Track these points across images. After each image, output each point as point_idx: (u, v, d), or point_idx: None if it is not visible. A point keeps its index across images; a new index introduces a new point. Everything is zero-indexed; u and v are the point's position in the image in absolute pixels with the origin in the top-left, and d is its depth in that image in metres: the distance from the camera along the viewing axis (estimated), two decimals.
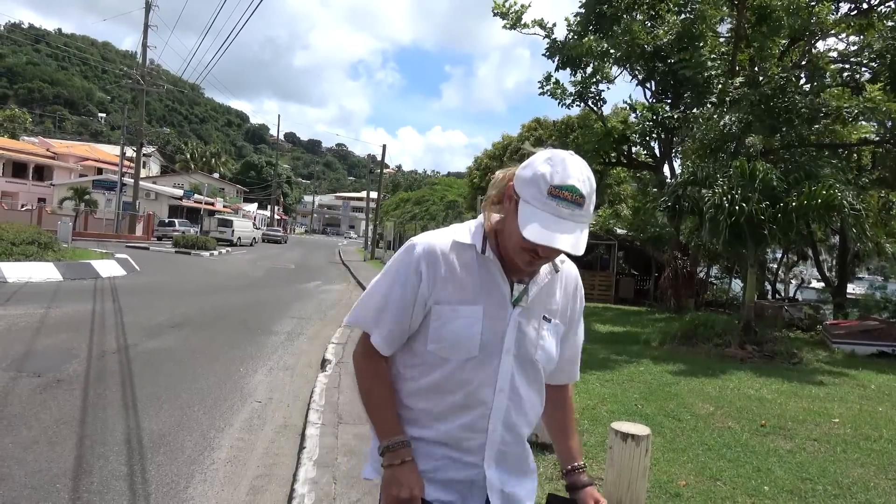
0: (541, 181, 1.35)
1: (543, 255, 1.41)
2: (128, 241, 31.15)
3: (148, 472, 4.12)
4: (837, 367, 9.76)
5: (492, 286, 1.48)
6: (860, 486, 4.58)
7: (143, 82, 35.92)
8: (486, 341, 1.46)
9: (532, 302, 1.51)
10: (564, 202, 1.33)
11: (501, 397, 1.48)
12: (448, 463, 1.49)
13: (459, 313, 1.45)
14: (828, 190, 9.60)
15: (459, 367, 1.46)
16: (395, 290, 1.49)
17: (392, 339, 1.51)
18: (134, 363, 6.96)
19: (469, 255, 1.49)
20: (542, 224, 1.32)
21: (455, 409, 1.47)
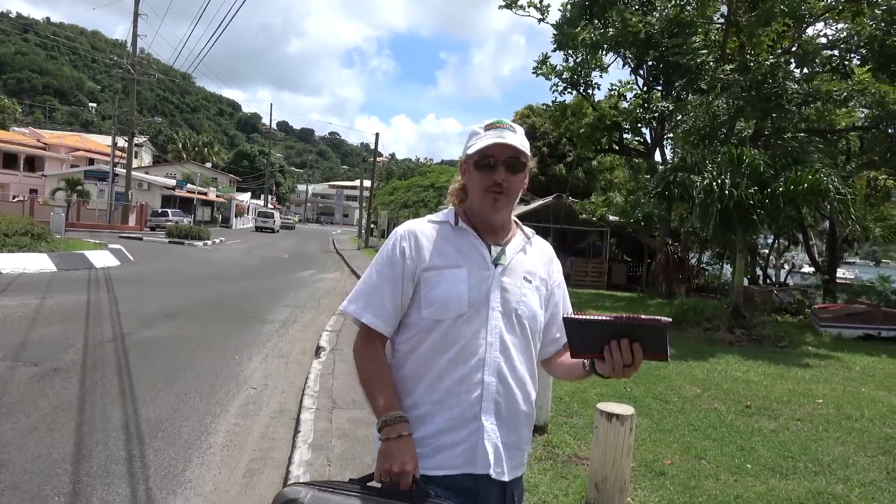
0: (475, 130, 1.68)
1: (501, 178, 1.61)
2: (121, 232, 31.09)
3: (147, 457, 4.22)
4: (824, 350, 9.93)
5: (471, 250, 1.66)
6: (840, 463, 4.73)
7: (134, 71, 35.67)
8: (474, 298, 1.60)
9: (512, 263, 1.67)
10: (499, 129, 1.64)
11: (492, 350, 1.60)
12: (449, 424, 1.57)
13: (445, 276, 1.61)
14: (814, 175, 9.72)
15: (452, 326, 1.59)
16: (385, 271, 1.65)
17: (387, 316, 1.64)
18: (130, 352, 7.03)
19: (445, 229, 1.70)
20: (486, 139, 1.62)
21: (451, 365, 1.59)
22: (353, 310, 1.66)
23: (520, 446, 1.68)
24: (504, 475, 1.61)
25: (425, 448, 1.56)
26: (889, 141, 12.87)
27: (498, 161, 1.61)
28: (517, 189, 1.67)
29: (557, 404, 5.79)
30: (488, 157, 1.62)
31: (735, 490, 4.09)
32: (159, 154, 65.96)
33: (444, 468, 1.56)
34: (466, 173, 1.70)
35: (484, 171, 1.62)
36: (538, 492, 3.88)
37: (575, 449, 4.70)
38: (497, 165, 1.61)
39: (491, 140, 1.61)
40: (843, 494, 4.12)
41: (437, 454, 1.57)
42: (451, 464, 1.56)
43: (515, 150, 1.63)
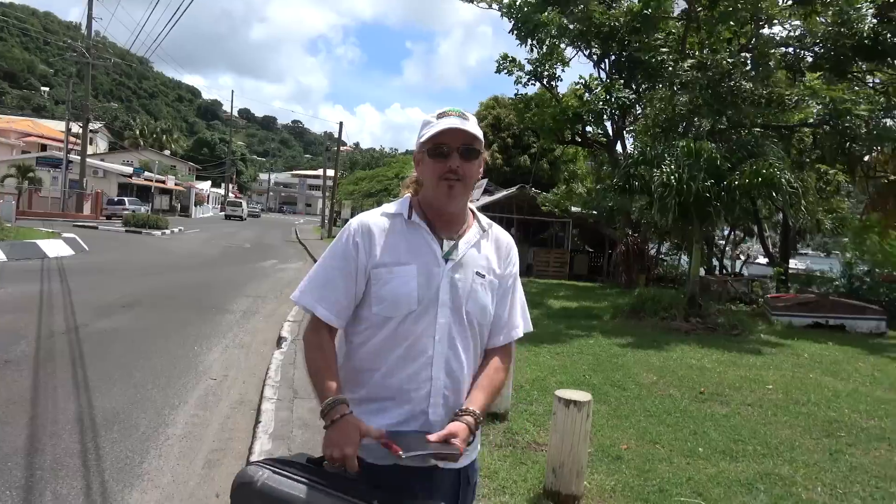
0: (427, 119, 1.67)
1: (455, 165, 1.61)
2: (75, 221, 30.20)
3: (102, 449, 4.15)
4: (775, 338, 10.27)
5: (422, 246, 1.65)
6: (787, 446, 4.92)
7: (89, 55, 34.58)
8: (423, 296, 1.60)
9: (464, 258, 1.66)
10: (451, 117, 1.64)
11: (441, 347, 1.61)
12: (401, 418, 1.59)
13: (395, 273, 1.61)
14: (768, 168, 10.01)
15: (402, 323, 1.60)
16: (338, 263, 1.66)
17: (340, 310, 1.65)
18: (85, 343, 6.88)
19: (398, 222, 1.68)
20: (438, 127, 1.61)
21: (400, 362, 1.60)
22: (307, 301, 1.66)
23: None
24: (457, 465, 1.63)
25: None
26: (839, 137, 13.30)
27: (452, 148, 1.61)
28: (472, 176, 1.66)
29: (518, 392, 5.88)
30: (442, 144, 1.61)
31: (687, 472, 4.22)
32: (115, 141, 64.10)
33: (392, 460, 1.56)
34: (420, 163, 1.69)
35: (438, 158, 1.62)
36: (497, 478, 3.95)
37: (534, 436, 4.79)
38: (451, 152, 1.61)
39: (443, 127, 1.60)
40: (788, 475, 4.28)
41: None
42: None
43: (469, 137, 1.62)
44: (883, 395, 6.78)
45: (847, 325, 11.61)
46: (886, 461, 4.70)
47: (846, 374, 7.80)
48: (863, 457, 4.77)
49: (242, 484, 1.40)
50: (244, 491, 1.39)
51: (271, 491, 1.37)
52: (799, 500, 3.89)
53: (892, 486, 4.20)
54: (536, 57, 17.02)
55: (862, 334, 11.28)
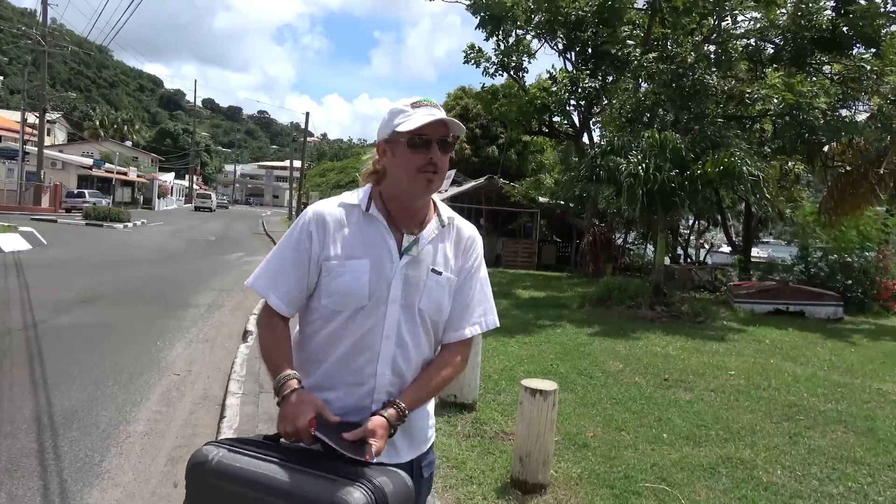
0: (400, 107, 1.59)
1: (437, 157, 1.56)
2: (33, 214, 29.34)
3: (60, 448, 4.05)
4: (738, 325, 10.49)
5: (377, 241, 1.60)
6: (748, 430, 5.03)
7: (45, 43, 33.51)
8: (374, 291, 1.57)
9: (421, 254, 1.62)
10: (429, 107, 1.57)
11: (388, 343, 1.58)
12: (344, 412, 1.55)
13: (347, 267, 1.57)
14: (730, 159, 10.18)
15: (351, 317, 1.58)
16: (290, 253, 1.63)
17: (291, 299, 1.63)
18: (42, 340, 6.70)
19: (355, 214, 1.63)
20: (420, 117, 1.54)
21: (346, 356, 1.58)
22: (260, 287, 1.65)
23: (417, 428, 1.67)
24: (402, 458, 1.63)
25: None
26: (798, 128, 13.59)
27: (433, 139, 1.56)
28: (446, 169, 1.63)
29: (486, 382, 5.90)
30: (423, 135, 1.55)
31: (652, 458, 4.29)
32: (75, 132, 62.39)
33: None
34: (388, 154, 1.61)
35: (418, 149, 1.55)
36: (465, 468, 3.96)
37: (502, 425, 4.81)
38: (431, 144, 1.56)
39: (427, 118, 1.53)
40: (750, 459, 4.38)
41: None
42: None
43: (448, 129, 1.58)
44: (839, 379, 6.98)
45: (806, 312, 11.92)
46: (842, 443, 4.84)
47: (805, 359, 8.00)
48: (820, 439, 4.90)
49: (197, 464, 1.37)
50: (199, 470, 1.36)
51: (226, 468, 1.33)
52: (759, 482, 3.98)
53: (848, 467, 4.33)
54: (503, 48, 17.01)
55: (820, 320, 11.59)
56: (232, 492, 1.31)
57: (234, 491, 1.31)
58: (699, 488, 3.85)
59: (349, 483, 1.27)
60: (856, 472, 4.24)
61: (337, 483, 1.27)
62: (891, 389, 6.62)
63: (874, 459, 4.50)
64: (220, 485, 1.33)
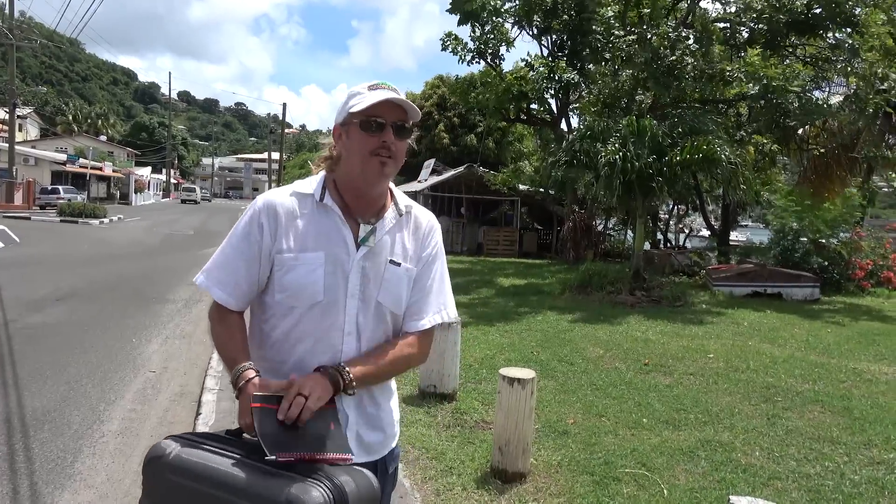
0: (357, 89, 1.53)
1: (390, 140, 1.49)
2: (5, 211, 28.75)
3: (31, 450, 3.96)
4: (717, 308, 10.57)
5: (332, 232, 1.53)
6: (727, 413, 5.06)
7: (13, 36, 32.75)
8: (329, 286, 1.50)
9: (378, 245, 1.55)
10: (382, 90, 1.50)
11: (350, 340, 1.52)
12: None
13: (300, 261, 1.50)
14: (707, 145, 10.22)
15: (306, 314, 1.50)
16: (241, 246, 1.54)
17: (240, 294, 1.55)
18: (14, 339, 6.55)
19: (308, 204, 1.54)
20: (374, 97, 1.48)
21: (308, 355, 1.51)
22: (202, 281, 1.57)
23: (382, 427, 1.62)
24: (376, 455, 1.59)
25: None
26: (773, 112, 13.69)
27: (386, 122, 1.49)
28: (402, 156, 1.54)
29: (466, 371, 5.88)
30: (376, 116, 1.48)
31: (632, 444, 4.30)
32: (47, 127, 61.12)
33: None
34: (343, 137, 1.54)
35: (371, 131, 1.48)
36: (445, 458, 3.94)
37: (483, 414, 4.79)
38: (385, 126, 1.48)
39: (380, 97, 1.47)
40: (728, 441, 4.41)
41: None
42: None
43: (405, 113, 1.51)
44: (817, 360, 7.06)
45: (784, 293, 12.05)
46: (819, 423, 4.89)
47: (783, 341, 8.09)
48: (798, 420, 4.94)
49: (154, 458, 1.32)
50: (155, 464, 1.31)
51: (182, 463, 1.29)
52: (738, 465, 4.01)
53: (825, 447, 4.37)
54: (478, 36, 16.90)
55: (797, 301, 11.73)
56: (187, 487, 1.27)
57: (188, 486, 1.26)
58: (678, 472, 3.86)
59: (306, 481, 1.22)
60: (832, 452, 4.28)
61: (294, 481, 1.21)
62: (866, 368, 6.72)
63: (850, 438, 4.55)
64: (176, 480, 1.28)
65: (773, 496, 3.56)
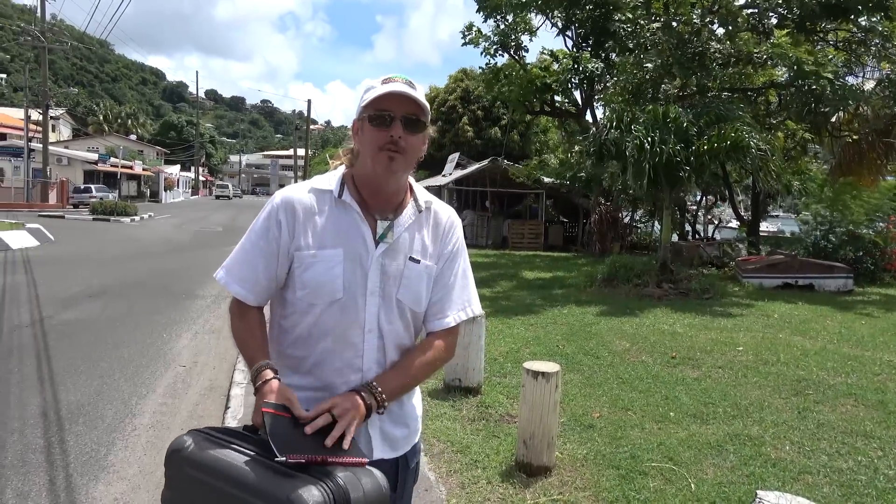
0: (370, 84, 1.51)
1: (398, 134, 1.46)
2: (41, 211, 29.49)
3: (66, 443, 4.06)
4: (746, 300, 10.39)
5: (351, 229, 1.52)
6: (756, 406, 4.98)
7: (45, 39, 33.47)
8: (349, 283, 1.49)
9: (398, 242, 1.54)
10: (397, 83, 1.48)
11: (371, 338, 1.52)
12: None
13: (319, 258, 1.49)
14: (735, 132, 10.03)
15: (326, 311, 1.50)
16: (259, 243, 1.54)
17: (259, 290, 1.55)
18: (49, 335, 6.73)
19: (327, 200, 1.54)
20: (382, 90, 1.47)
21: (328, 353, 1.51)
22: (221, 277, 1.58)
23: (405, 423, 1.63)
24: (394, 452, 1.59)
25: None
26: (805, 98, 13.39)
27: (395, 116, 1.46)
28: (415, 151, 1.51)
29: (491, 365, 5.88)
30: (385, 110, 1.46)
31: (658, 437, 4.26)
32: (79, 127, 62.47)
33: None
34: (359, 132, 1.53)
35: (379, 125, 1.46)
36: (470, 452, 3.95)
37: (507, 408, 4.79)
38: (394, 120, 1.46)
39: (388, 90, 1.45)
40: (758, 435, 4.34)
41: None
42: None
43: (415, 106, 1.48)
44: (850, 352, 6.90)
45: (816, 285, 11.80)
46: (852, 416, 4.79)
47: (814, 333, 7.92)
48: (830, 413, 4.85)
49: (174, 451, 1.37)
50: (175, 458, 1.37)
51: (198, 457, 1.33)
52: (767, 459, 3.95)
53: (858, 441, 4.28)
54: (502, 28, 16.81)
55: (830, 293, 11.48)
56: (201, 481, 1.31)
57: (203, 480, 1.31)
58: (706, 466, 3.82)
59: (310, 480, 1.23)
60: (866, 446, 4.20)
61: (298, 480, 1.23)
62: None
63: (884, 433, 4.45)
64: (192, 473, 1.33)
65: (803, 491, 3.50)
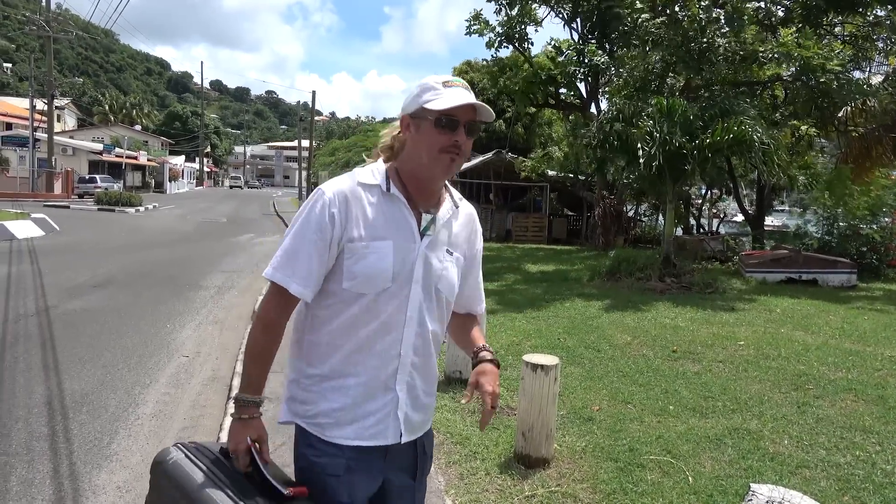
0: (431, 84, 1.58)
1: (462, 140, 1.56)
2: (46, 200, 29.60)
3: (70, 432, 4.11)
4: (749, 295, 10.39)
5: (400, 221, 1.60)
6: (756, 401, 5.00)
7: (50, 28, 33.48)
8: (398, 272, 1.57)
9: (438, 235, 1.65)
10: (460, 89, 1.57)
11: (411, 324, 1.60)
12: (365, 395, 1.57)
13: (371, 249, 1.55)
14: (739, 126, 10.00)
15: (374, 300, 1.56)
16: (312, 236, 1.55)
17: (314, 285, 1.57)
18: (54, 325, 6.78)
19: (375, 194, 1.60)
20: (451, 97, 1.53)
21: (371, 339, 1.57)
22: (280, 278, 1.55)
23: (429, 406, 1.72)
24: (417, 433, 1.68)
25: (339, 418, 1.56)
26: (811, 93, 13.33)
27: (460, 122, 1.56)
28: (469, 152, 1.64)
29: None
30: (453, 116, 1.54)
31: (657, 431, 4.28)
32: (84, 117, 62.56)
33: (357, 439, 1.57)
34: (412, 128, 1.60)
35: (444, 130, 1.55)
36: (469, 444, 3.98)
37: (507, 400, 4.81)
38: (458, 126, 1.56)
39: (459, 101, 1.53)
40: (756, 429, 4.36)
41: (351, 425, 1.57)
42: (363, 434, 1.57)
43: (476, 114, 1.58)
44: (851, 347, 6.91)
45: (819, 280, 11.79)
46: (852, 411, 4.80)
47: (816, 328, 7.93)
48: (829, 408, 4.86)
49: (156, 462, 1.50)
50: (157, 469, 1.50)
51: (173, 473, 1.46)
52: (766, 453, 3.97)
53: (857, 436, 4.30)
54: (507, 18, 16.75)
55: (834, 288, 11.47)
56: (170, 491, 1.45)
57: (171, 495, 1.44)
58: (704, 460, 3.84)
59: None
60: (864, 441, 4.21)
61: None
62: None
63: (883, 428, 4.47)
64: (165, 483, 1.46)
65: (800, 485, 3.52)
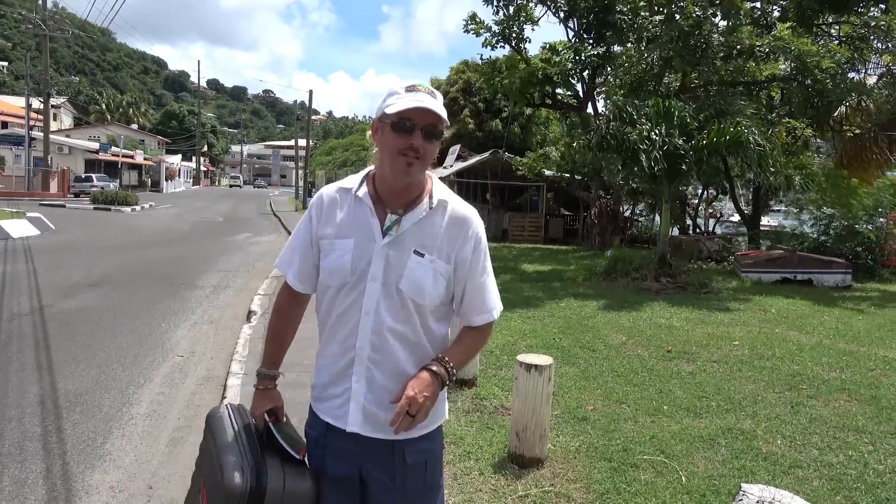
0: (394, 90, 1.64)
1: (418, 143, 1.59)
2: (42, 199, 29.50)
3: (63, 431, 4.10)
4: (744, 295, 10.40)
5: (362, 221, 1.69)
6: (749, 401, 5.01)
7: (46, 27, 33.37)
8: (355, 269, 1.67)
9: (405, 234, 1.66)
10: (421, 93, 1.61)
11: (367, 319, 1.66)
12: (330, 379, 1.73)
13: (335, 246, 1.70)
14: (735, 127, 10.02)
15: (337, 293, 1.71)
16: (302, 234, 1.80)
17: (302, 276, 1.80)
18: (49, 324, 6.77)
19: (348, 196, 1.74)
20: (408, 101, 1.58)
21: (334, 329, 1.73)
22: (281, 266, 1.83)
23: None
24: (372, 433, 1.67)
25: (318, 395, 1.77)
26: (807, 92, 13.36)
27: (416, 125, 1.59)
28: (431, 156, 1.65)
29: (487, 357, 5.90)
30: (407, 119, 1.59)
31: (651, 431, 4.29)
32: (80, 116, 62.37)
33: (327, 416, 1.73)
34: (379, 132, 1.67)
35: (401, 133, 1.59)
36: (463, 444, 3.98)
37: (502, 400, 4.82)
38: (415, 129, 1.59)
39: (412, 104, 1.57)
40: (750, 429, 4.37)
41: (324, 402, 1.74)
42: (330, 414, 1.72)
43: (436, 118, 1.61)
44: (845, 347, 6.93)
45: (814, 280, 11.82)
46: (845, 411, 4.82)
47: (811, 328, 7.95)
48: (823, 408, 4.88)
49: (209, 416, 1.81)
50: (208, 420, 1.79)
51: (214, 426, 1.73)
52: (759, 453, 3.98)
53: (850, 436, 4.31)
54: (504, 17, 16.74)
55: (828, 288, 11.49)
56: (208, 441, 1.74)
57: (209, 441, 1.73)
58: (697, 459, 3.85)
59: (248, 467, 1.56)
60: (857, 441, 4.22)
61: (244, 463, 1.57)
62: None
63: (876, 428, 4.48)
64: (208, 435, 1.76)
65: (793, 484, 3.53)
